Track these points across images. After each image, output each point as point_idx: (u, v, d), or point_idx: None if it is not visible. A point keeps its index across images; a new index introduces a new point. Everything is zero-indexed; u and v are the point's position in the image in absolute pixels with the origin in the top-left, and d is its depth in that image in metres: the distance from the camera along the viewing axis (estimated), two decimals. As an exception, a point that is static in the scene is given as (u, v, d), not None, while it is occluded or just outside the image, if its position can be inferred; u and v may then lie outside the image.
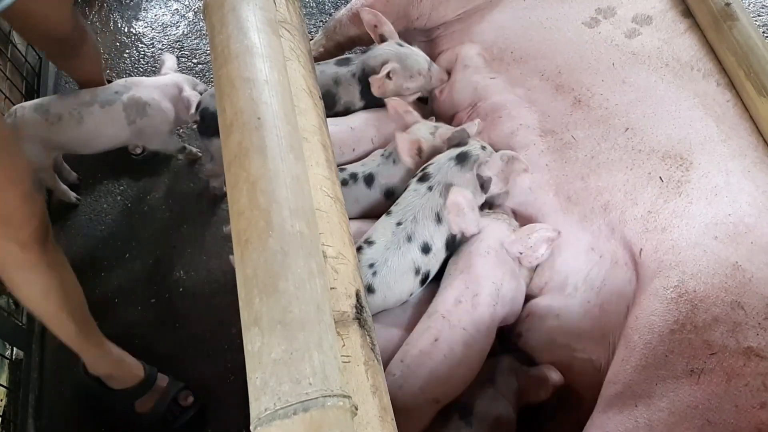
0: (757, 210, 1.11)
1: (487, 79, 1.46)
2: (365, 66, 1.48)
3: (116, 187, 1.92)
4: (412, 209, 1.20)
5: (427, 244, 1.18)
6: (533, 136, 1.31)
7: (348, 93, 1.51)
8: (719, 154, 1.18)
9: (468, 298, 1.14)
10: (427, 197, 1.20)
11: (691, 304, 1.00)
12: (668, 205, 1.13)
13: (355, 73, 1.49)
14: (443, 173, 1.22)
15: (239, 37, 0.91)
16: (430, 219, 1.19)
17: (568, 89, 1.33)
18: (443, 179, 1.21)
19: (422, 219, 1.19)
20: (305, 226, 0.72)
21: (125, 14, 2.33)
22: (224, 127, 0.83)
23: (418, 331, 1.13)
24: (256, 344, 0.61)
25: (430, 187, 1.21)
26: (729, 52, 1.31)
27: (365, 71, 1.47)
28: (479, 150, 1.26)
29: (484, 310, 1.14)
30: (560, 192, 1.23)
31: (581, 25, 1.41)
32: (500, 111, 1.38)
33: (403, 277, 1.17)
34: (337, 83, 1.50)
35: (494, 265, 1.18)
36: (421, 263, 1.19)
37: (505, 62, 1.45)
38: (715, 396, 0.91)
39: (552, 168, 1.26)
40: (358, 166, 1.39)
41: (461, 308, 1.13)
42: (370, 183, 1.35)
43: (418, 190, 1.22)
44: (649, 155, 1.19)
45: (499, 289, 1.16)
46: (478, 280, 1.16)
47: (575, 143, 1.26)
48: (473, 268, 1.18)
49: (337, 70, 1.50)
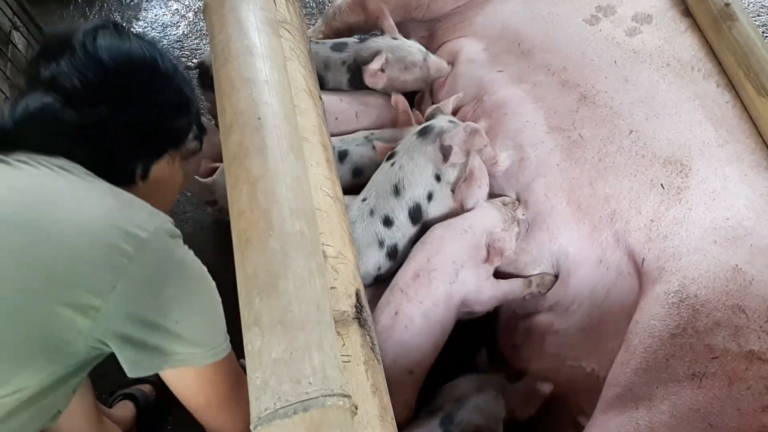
0: (755, 213, 1.11)
1: (493, 72, 1.44)
2: (357, 56, 1.50)
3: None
4: (376, 185, 1.25)
5: (389, 216, 1.22)
6: (541, 133, 1.30)
7: (336, 78, 1.53)
8: (717, 159, 1.18)
9: (425, 273, 1.15)
10: (388, 172, 1.25)
11: (692, 309, 1.00)
12: (669, 212, 1.13)
13: (345, 61, 1.51)
14: (406, 148, 1.27)
15: (239, 37, 0.91)
16: (389, 192, 1.23)
17: (574, 85, 1.32)
18: (405, 153, 1.26)
19: (383, 193, 1.23)
20: (305, 226, 0.72)
21: (125, 14, 2.33)
22: (224, 128, 0.83)
23: (380, 306, 1.15)
24: (256, 344, 0.61)
25: (393, 163, 1.26)
26: (729, 52, 1.31)
27: (357, 61, 1.50)
28: (444, 123, 1.28)
29: (438, 286, 1.14)
30: (572, 199, 1.22)
31: (582, 22, 1.41)
32: (506, 108, 1.37)
33: (368, 250, 1.20)
34: (327, 67, 1.52)
35: (464, 246, 1.18)
36: (384, 236, 1.21)
37: (513, 54, 1.44)
38: (717, 399, 0.90)
39: (563, 168, 1.24)
40: (336, 141, 1.41)
41: (418, 282, 1.14)
42: (342, 159, 1.38)
43: (383, 167, 1.27)
44: (652, 161, 1.19)
45: (458, 270, 1.16)
46: (441, 253, 1.17)
47: (583, 142, 1.25)
48: (442, 241, 1.19)
49: (330, 54, 1.51)
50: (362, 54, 1.49)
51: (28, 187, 0.73)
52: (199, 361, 0.77)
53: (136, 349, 0.73)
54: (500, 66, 1.45)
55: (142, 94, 0.85)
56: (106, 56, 0.82)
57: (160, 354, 0.74)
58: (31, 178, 0.75)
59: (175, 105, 0.90)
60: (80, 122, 0.80)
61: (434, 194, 1.25)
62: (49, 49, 0.83)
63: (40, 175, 0.75)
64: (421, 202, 1.23)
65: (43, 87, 0.81)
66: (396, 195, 1.23)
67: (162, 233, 0.76)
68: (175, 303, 0.74)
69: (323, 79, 1.51)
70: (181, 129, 0.93)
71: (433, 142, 1.25)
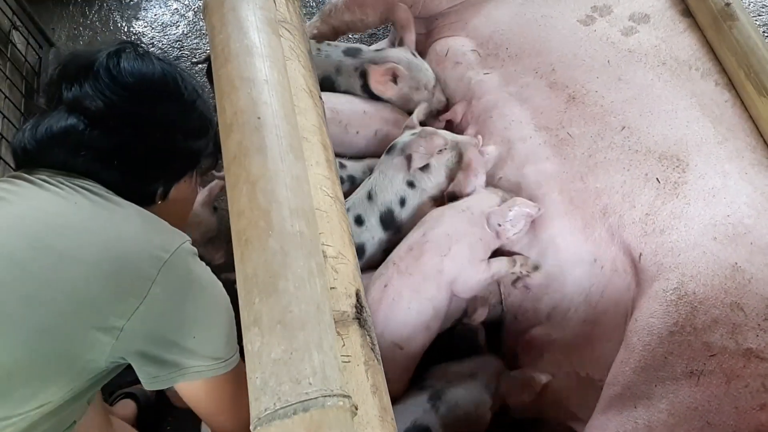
0: (755, 211, 1.11)
1: (481, 74, 1.46)
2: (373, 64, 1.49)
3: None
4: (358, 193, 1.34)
5: (360, 216, 1.30)
6: (528, 130, 1.31)
7: (348, 83, 1.52)
8: (716, 156, 1.18)
9: (419, 245, 1.18)
10: (365, 184, 1.36)
11: (690, 306, 1.00)
12: (666, 206, 1.13)
13: (358, 68, 1.50)
14: (378, 165, 1.37)
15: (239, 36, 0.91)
16: (364, 197, 1.33)
17: (562, 86, 1.33)
18: (377, 169, 1.36)
19: (359, 199, 1.33)
20: (305, 225, 0.72)
21: (125, 14, 2.33)
22: (224, 127, 0.83)
23: (373, 279, 1.18)
24: (256, 344, 0.61)
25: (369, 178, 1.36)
26: (729, 52, 1.31)
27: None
28: (405, 138, 1.35)
29: (430, 258, 1.16)
30: (564, 191, 1.22)
31: (576, 23, 1.41)
32: (491, 111, 1.39)
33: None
34: (338, 71, 1.51)
35: (461, 223, 1.20)
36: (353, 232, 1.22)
37: (500, 58, 1.45)
38: (715, 397, 0.91)
39: (553, 162, 1.25)
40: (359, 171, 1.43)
41: (411, 255, 1.18)
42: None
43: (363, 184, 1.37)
44: (646, 156, 1.19)
45: (452, 245, 1.17)
46: (437, 228, 1.19)
47: (571, 140, 1.25)
48: (440, 218, 1.22)
49: (342, 59, 1.51)
50: (377, 62, 1.48)
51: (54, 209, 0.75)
52: (212, 372, 0.79)
53: (156, 365, 0.76)
54: (487, 68, 1.46)
55: (166, 118, 0.87)
56: (131, 80, 0.83)
57: (177, 369, 0.76)
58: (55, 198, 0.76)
59: (198, 129, 0.92)
60: (105, 145, 0.82)
61: (407, 199, 1.31)
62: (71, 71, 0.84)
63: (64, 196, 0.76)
64: (393, 207, 1.31)
65: (65, 108, 0.82)
66: (369, 199, 1.32)
67: (183, 253, 0.78)
68: (192, 321, 0.76)
69: (334, 83, 1.51)
70: (202, 150, 0.94)
71: (399, 155, 1.33)
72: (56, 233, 0.72)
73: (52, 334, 0.69)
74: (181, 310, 0.76)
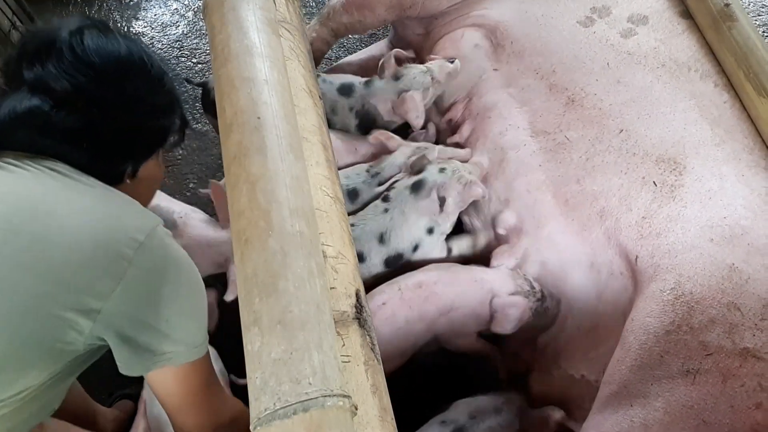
0: (752, 213, 1.11)
1: (491, 70, 1.45)
2: (365, 102, 1.51)
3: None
4: (365, 221, 1.27)
5: (363, 254, 1.25)
6: (524, 136, 1.31)
7: (343, 123, 1.55)
8: (713, 159, 1.18)
9: (428, 288, 1.19)
10: (380, 217, 1.27)
11: (687, 306, 1.01)
12: (662, 209, 1.13)
13: (353, 107, 1.52)
14: (399, 200, 1.29)
15: (239, 36, 0.91)
16: (374, 238, 1.26)
17: (562, 89, 1.33)
18: (398, 206, 1.28)
19: (368, 234, 1.26)
20: (305, 225, 0.72)
21: (125, 14, 2.33)
22: (224, 127, 0.83)
23: (372, 293, 1.19)
24: (256, 344, 0.61)
25: (386, 209, 1.28)
26: (728, 52, 1.31)
27: (365, 107, 1.51)
28: (436, 175, 1.29)
29: (430, 307, 1.18)
30: (558, 194, 1.23)
31: (576, 24, 1.41)
32: (490, 111, 1.39)
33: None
34: (333, 111, 1.53)
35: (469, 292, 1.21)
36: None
37: (506, 52, 1.45)
38: (711, 396, 0.91)
39: (546, 168, 1.25)
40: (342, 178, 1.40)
41: (418, 292, 1.19)
42: (354, 198, 1.39)
43: (377, 206, 1.30)
44: (643, 159, 1.19)
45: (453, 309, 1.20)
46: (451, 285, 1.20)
47: (569, 144, 1.26)
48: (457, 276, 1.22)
49: (337, 99, 1.52)
50: (370, 101, 1.50)
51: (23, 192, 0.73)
52: (182, 358, 0.78)
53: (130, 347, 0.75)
54: (497, 63, 1.45)
55: (134, 96, 0.84)
56: (96, 59, 0.80)
57: (150, 353, 0.76)
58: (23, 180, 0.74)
59: (166, 106, 0.90)
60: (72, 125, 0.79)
61: (420, 245, 1.28)
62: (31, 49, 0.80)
63: (32, 178, 0.75)
64: (404, 252, 1.28)
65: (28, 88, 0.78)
66: (380, 242, 1.26)
67: (159, 234, 0.77)
68: (166, 302, 0.75)
69: (330, 121, 1.52)
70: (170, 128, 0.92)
71: (427, 197, 1.27)
72: (28, 216, 0.71)
73: (30, 317, 0.69)
74: (157, 291, 0.75)
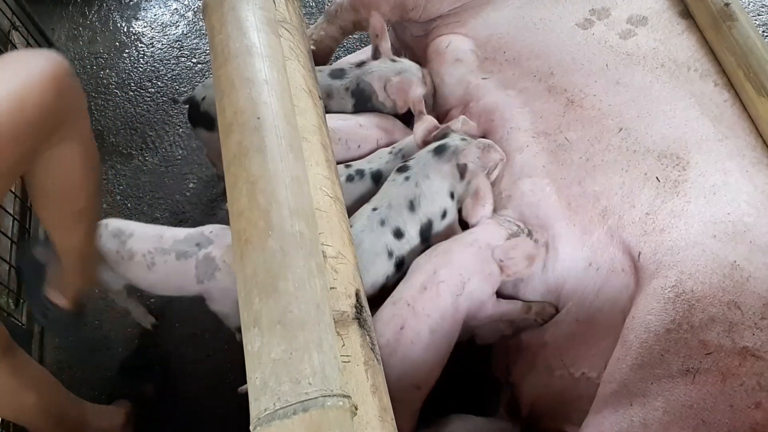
0: (755, 209, 1.11)
1: (479, 78, 1.46)
2: (360, 81, 1.50)
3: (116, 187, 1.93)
4: (388, 197, 1.25)
5: (400, 229, 1.23)
6: (526, 137, 1.31)
7: (340, 105, 1.53)
8: (716, 154, 1.18)
9: (434, 285, 1.14)
10: (403, 186, 1.26)
11: (688, 304, 1.01)
12: (666, 205, 1.13)
13: (348, 87, 1.51)
14: (421, 165, 1.28)
15: (239, 36, 0.91)
16: (404, 206, 1.24)
17: (561, 90, 1.33)
18: (421, 170, 1.27)
19: (397, 206, 1.23)
20: (305, 226, 0.72)
21: (125, 14, 2.33)
22: (224, 127, 0.84)
23: (383, 320, 1.13)
24: (255, 344, 0.61)
25: (407, 177, 1.27)
26: (728, 52, 1.31)
27: (360, 86, 1.50)
28: (458, 141, 1.30)
29: (446, 298, 1.14)
30: (561, 196, 1.22)
31: (574, 26, 1.41)
32: (492, 114, 1.39)
33: (377, 259, 1.20)
34: (329, 96, 1.52)
35: (471, 258, 1.18)
36: (394, 247, 1.22)
37: (497, 62, 1.45)
38: (711, 396, 0.91)
39: (550, 171, 1.25)
40: (364, 163, 1.41)
41: (426, 295, 1.13)
42: (377, 180, 1.37)
43: (396, 179, 1.28)
44: (645, 155, 1.19)
45: (465, 282, 1.16)
46: (449, 266, 1.16)
47: (569, 145, 1.25)
48: (450, 254, 1.18)
49: (330, 82, 1.51)
50: (365, 78, 1.49)
51: None
52: None
53: None
54: (486, 73, 1.46)
55: None
56: None
57: None
58: None
59: None
60: None
61: (448, 212, 1.27)
62: None
63: None
64: (434, 218, 1.25)
65: None
66: (411, 210, 1.24)
67: None
68: None
69: (326, 107, 1.50)
70: None
71: (448, 161, 1.27)
72: None
73: None
74: None
